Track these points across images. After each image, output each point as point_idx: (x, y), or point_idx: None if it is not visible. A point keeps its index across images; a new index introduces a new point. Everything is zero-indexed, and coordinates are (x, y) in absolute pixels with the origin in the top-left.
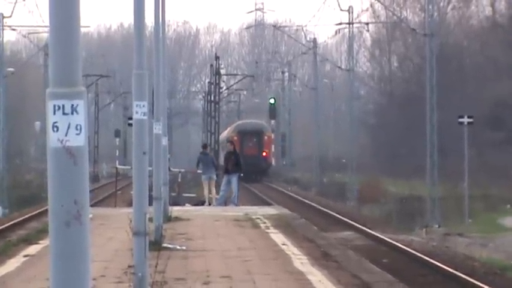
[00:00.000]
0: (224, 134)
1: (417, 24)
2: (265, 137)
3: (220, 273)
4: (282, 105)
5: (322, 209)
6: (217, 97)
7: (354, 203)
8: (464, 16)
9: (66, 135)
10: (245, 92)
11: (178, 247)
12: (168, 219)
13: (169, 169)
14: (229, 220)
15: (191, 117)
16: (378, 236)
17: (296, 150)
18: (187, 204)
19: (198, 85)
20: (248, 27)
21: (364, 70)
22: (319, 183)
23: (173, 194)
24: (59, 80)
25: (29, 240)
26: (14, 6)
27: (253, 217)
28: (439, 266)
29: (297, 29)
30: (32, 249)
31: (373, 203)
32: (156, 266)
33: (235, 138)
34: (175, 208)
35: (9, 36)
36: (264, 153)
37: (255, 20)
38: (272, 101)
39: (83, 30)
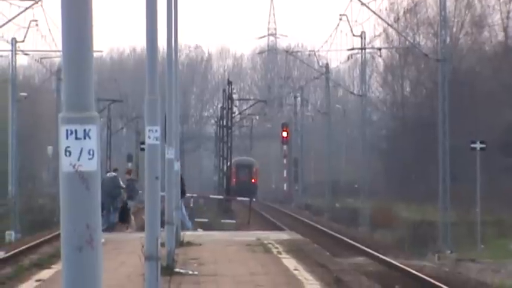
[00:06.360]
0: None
1: (430, 50)
2: (254, 169)
3: None
4: (294, 130)
5: (335, 234)
6: (229, 122)
7: (366, 228)
8: (477, 41)
9: (78, 159)
10: (257, 117)
11: (190, 272)
12: (180, 244)
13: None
14: (241, 245)
15: (203, 142)
16: (390, 262)
17: (308, 175)
18: (199, 229)
19: (211, 110)
20: (261, 52)
21: (377, 95)
22: (331, 208)
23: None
24: (72, 105)
25: (41, 265)
26: (27, 31)
27: (265, 242)
28: None
29: (309, 54)
30: (44, 274)
31: (385, 228)
32: None
33: (234, 169)
34: (187, 233)
35: (21, 61)
36: (253, 180)
37: (268, 45)
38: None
39: (95, 54)
